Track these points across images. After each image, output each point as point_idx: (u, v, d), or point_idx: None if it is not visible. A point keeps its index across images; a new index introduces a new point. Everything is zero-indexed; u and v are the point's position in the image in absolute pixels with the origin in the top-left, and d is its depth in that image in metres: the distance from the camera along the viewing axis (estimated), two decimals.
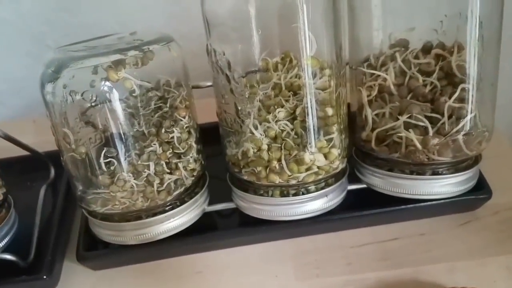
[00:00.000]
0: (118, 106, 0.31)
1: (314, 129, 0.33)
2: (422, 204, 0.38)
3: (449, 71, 0.36)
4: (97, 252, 0.39)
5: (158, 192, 0.34)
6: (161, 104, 0.36)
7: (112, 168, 0.32)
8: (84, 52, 0.32)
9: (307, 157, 0.33)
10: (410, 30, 0.40)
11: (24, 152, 0.46)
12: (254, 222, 0.38)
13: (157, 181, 0.33)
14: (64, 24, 0.56)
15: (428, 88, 0.36)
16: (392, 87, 0.37)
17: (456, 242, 0.38)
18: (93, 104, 0.33)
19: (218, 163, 0.40)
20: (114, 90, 0.31)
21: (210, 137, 0.39)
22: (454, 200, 0.37)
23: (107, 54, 0.31)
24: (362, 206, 0.39)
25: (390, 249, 0.38)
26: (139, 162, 0.32)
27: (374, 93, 0.37)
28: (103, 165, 0.32)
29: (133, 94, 0.32)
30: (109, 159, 0.32)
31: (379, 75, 0.38)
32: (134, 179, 0.32)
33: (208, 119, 0.44)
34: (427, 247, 0.38)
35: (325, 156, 0.34)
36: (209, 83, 0.39)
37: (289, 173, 0.33)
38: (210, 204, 0.40)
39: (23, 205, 0.44)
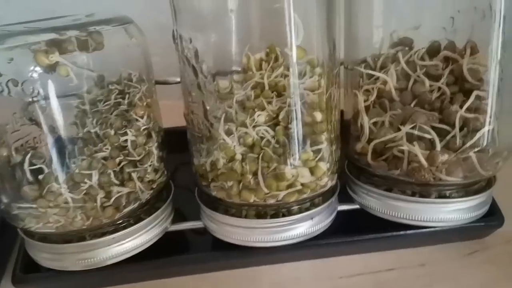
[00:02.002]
0: (53, 99, 0.25)
1: (298, 138, 0.27)
2: (424, 230, 0.33)
3: (460, 76, 0.31)
4: (37, 275, 0.32)
5: (103, 208, 0.27)
6: (120, 100, 0.30)
7: (40, 177, 0.26)
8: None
9: (289, 171, 0.27)
10: (415, 29, 0.35)
11: None
12: (227, 245, 0.32)
13: (101, 194, 0.27)
14: (22, 9, 0.49)
15: (436, 94, 0.31)
16: (393, 91, 0.32)
17: (461, 275, 0.34)
18: (34, 98, 0.27)
19: (191, 173, 0.34)
20: (44, 78, 0.24)
21: (183, 143, 0.33)
22: (461, 227, 0.32)
23: (39, 33, 0.24)
24: (354, 230, 0.34)
25: (385, 281, 0.34)
26: (76, 171, 0.26)
27: (372, 97, 0.32)
28: (27, 172, 0.26)
29: (71, 85, 0.26)
30: (38, 166, 0.26)
31: (378, 78, 0.33)
32: (70, 191, 0.26)
33: (182, 122, 0.39)
34: (428, 280, 0.33)
35: (311, 170, 0.28)
36: (179, 79, 0.33)
37: (266, 191, 0.27)
38: (175, 221, 0.34)
39: None
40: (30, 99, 0.27)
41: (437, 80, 0.31)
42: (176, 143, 0.33)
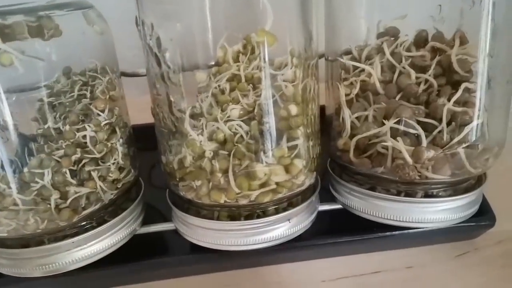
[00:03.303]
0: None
1: (271, 133, 0.25)
2: (411, 231, 0.31)
3: (449, 67, 0.29)
4: None
5: (59, 210, 0.25)
6: (85, 92, 0.28)
7: None
8: None
9: (260, 169, 0.25)
10: (401, 18, 0.33)
11: None
12: (201, 248, 0.30)
13: (55, 195, 0.24)
14: None
15: (422, 87, 0.29)
16: (377, 84, 0.30)
17: (451, 278, 0.32)
18: None
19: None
20: None
21: None
22: (450, 227, 0.31)
23: None
24: (337, 231, 0.32)
25: (370, 284, 0.32)
26: (25, 170, 0.24)
27: (355, 91, 0.30)
28: None
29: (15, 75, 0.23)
30: None
31: (362, 70, 0.31)
32: (18, 192, 0.24)
33: None
34: (416, 283, 0.32)
35: (286, 168, 0.26)
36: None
37: (237, 190, 0.25)
38: (146, 223, 0.32)
39: None
40: None
41: (423, 71, 0.30)
42: (153, 139, 0.31)
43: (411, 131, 0.27)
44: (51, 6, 0.24)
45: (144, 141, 0.32)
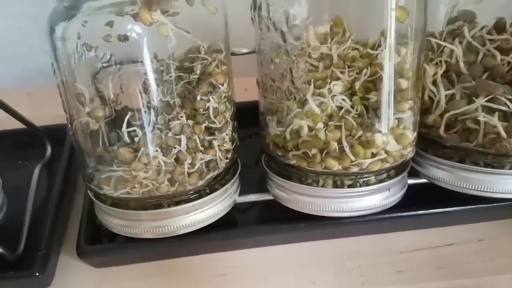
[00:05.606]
0: (147, 59, 0.25)
1: (389, 104, 0.27)
2: (485, 205, 0.33)
3: None
4: (102, 246, 0.33)
5: (189, 174, 0.27)
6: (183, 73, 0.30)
7: (136, 140, 0.26)
8: None
9: (379, 138, 0.26)
10: (477, 3, 0.35)
11: (16, 126, 0.40)
12: (290, 218, 0.32)
13: (188, 160, 0.26)
14: None
15: (506, 68, 0.31)
16: (461, 64, 0.32)
17: None
18: (104, 64, 0.27)
19: (244, 148, 0.34)
20: (145, 38, 0.24)
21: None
22: None
23: None
24: (418, 204, 0.33)
25: (446, 256, 0.34)
26: (169, 135, 0.26)
27: (442, 70, 0.32)
28: (125, 134, 0.25)
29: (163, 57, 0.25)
30: (132, 129, 0.25)
31: (443, 51, 0.33)
32: (163, 155, 0.26)
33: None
34: (488, 255, 0.34)
35: (397, 139, 0.28)
36: (246, 50, 0.33)
37: (353, 158, 0.27)
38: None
39: (13, 187, 0.38)
40: (101, 65, 0.27)
41: (506, 54, 0.31)
42: None
43: (501, 108, 0.29)
44: None
45: None
